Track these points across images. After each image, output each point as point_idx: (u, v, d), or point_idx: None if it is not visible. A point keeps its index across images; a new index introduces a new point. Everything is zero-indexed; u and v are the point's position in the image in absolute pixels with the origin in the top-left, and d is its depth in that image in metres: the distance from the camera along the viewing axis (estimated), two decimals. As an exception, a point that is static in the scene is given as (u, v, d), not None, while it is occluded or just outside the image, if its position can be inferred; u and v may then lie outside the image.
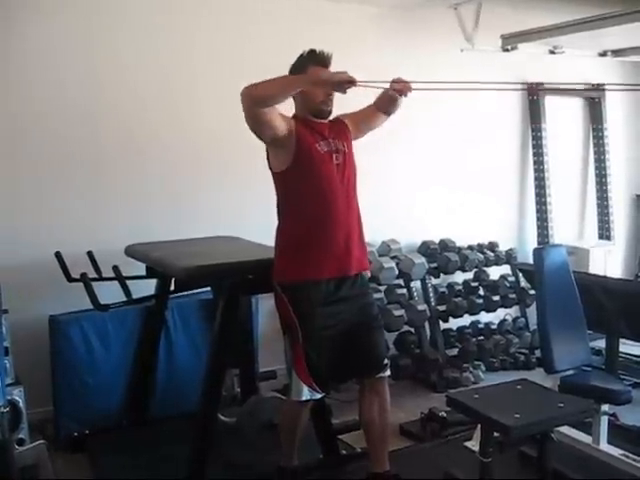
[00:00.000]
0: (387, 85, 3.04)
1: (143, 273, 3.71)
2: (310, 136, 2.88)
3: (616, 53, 5.46)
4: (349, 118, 3.14)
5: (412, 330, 4.94)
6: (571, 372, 3.53)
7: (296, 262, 2.90)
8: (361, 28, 4.88)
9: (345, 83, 2.77)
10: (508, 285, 5.33)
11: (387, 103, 3.18)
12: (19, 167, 3.98)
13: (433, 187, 5.37)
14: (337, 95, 2.92)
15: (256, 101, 2.68)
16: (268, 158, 2.94)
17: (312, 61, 2.89)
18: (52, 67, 3.99)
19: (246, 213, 4.48)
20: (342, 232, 2.90)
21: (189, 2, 4.33)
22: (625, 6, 4.02)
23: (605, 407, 3.48)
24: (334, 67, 2.93)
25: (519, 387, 3.29)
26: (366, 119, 3.20)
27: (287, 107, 2.89)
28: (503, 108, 5.79)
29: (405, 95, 3.07)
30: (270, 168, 2.94)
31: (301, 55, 2.93)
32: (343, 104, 3.05)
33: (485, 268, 5.37)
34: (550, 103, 5.91)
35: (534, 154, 5.91)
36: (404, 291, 4.92)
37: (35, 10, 3.89)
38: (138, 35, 4.19)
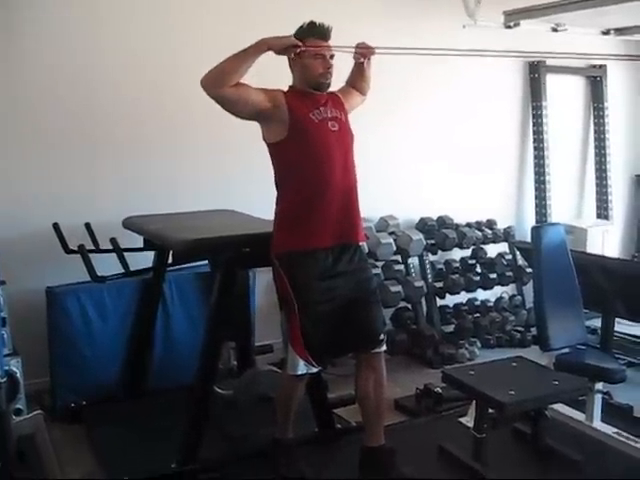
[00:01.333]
0: (339, 50, 2.99)
1: (141, 245, 3.72)
2: (304, 107, 2.88)
3: (619, 31, 5.40)
4: (340, 93, 3.14)
5: (409, 306, 4.96)
6: (566, 350, 3.53)
7: (295, 233, 2.90)
8: (362, 3, 4.83)
9: (290, 47, 2.82)
10: (505, 263, 5.34)
11: (356, 75, 3.21)
12: (17, 139, 3.96)
13: (432, 164, 5.35)
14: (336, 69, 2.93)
15: (213, 83, 2.73)
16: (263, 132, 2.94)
17: (311, 34, 2.88)
18: (54, 44, 3.97)
19: (245, 187, 4.46)
20: (340, 198, 2.89)
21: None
22: (629, -17, 3.97)
23: (599, 385, 3.49)
24: (336, 42, 2.92)
25: (514, 364, 3.31)
26: (347, 95, 3.18)
27: (280, 81, 2.91)
28: (504, 85, 5.76)
29: (368, 58, 3.11)
30: (265, 140, 2.93)
31: (301, 27, 2.91)
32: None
33: (483, 245, 5.38)
34: (551, 81, 5.88)
35: (534, 132, 5.88)
36: (401, 267, 4.95)
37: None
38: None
